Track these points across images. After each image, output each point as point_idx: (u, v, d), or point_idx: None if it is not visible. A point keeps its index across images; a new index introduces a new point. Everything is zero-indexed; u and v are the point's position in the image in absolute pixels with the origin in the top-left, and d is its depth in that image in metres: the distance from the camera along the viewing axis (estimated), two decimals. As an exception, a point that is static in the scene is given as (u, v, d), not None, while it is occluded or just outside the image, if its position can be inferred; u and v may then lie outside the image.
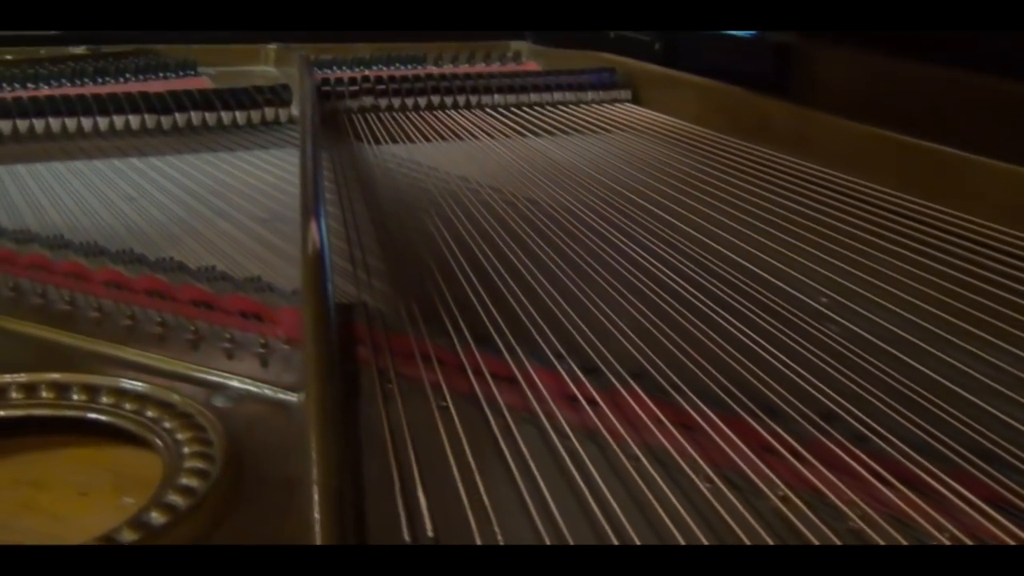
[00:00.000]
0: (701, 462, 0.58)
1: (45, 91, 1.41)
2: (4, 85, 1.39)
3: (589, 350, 0.72)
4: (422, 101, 1.41)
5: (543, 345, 0.73)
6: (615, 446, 0.60)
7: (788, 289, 0.85)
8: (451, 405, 0.65)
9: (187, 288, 0.82)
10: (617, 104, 1.50)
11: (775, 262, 0.91)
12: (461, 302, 0.80)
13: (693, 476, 0.57)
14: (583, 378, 0.68)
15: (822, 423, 0.61)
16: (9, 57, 1.47)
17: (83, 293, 0.82)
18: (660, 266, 0.90)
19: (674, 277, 0.87)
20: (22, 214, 1.06)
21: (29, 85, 1.41)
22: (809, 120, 1.24)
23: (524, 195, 1.13)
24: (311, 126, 1.16)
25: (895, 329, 0.77)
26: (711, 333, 0.76)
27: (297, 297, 0.81)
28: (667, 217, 1.05)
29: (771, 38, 1.40)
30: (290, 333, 0.74)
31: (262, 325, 0.76)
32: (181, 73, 1.53)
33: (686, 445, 0.59)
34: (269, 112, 1.32)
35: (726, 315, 0.79)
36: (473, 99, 1.42)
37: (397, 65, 1.65)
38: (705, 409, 0.63)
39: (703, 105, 1.40)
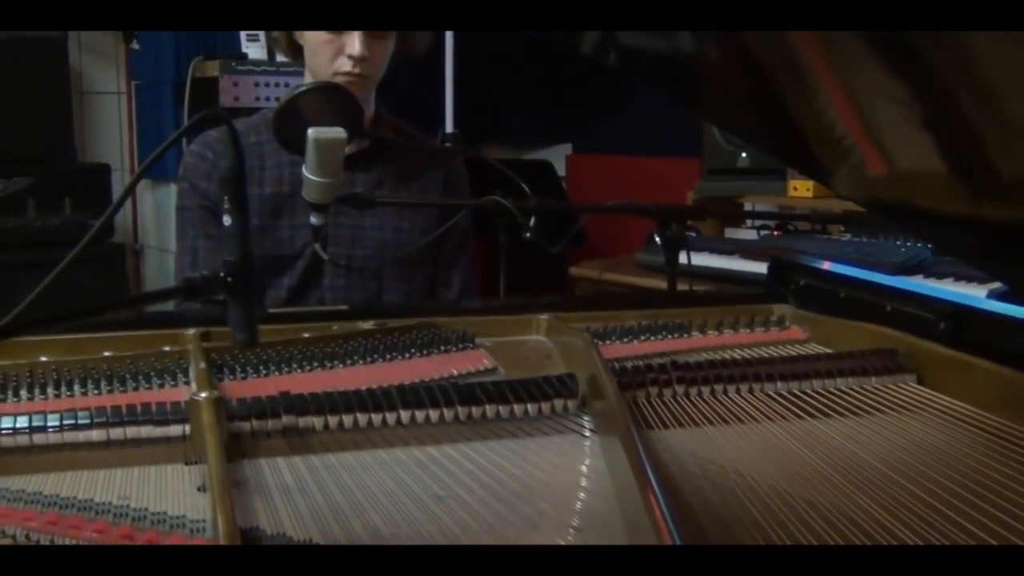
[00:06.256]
0: None
1: (340, 369, 1.48)
2: (306, 364, 1.47)
3: None
4: (705, 389, 1.41)
5: None
6: None
7: None
8: None
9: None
10: (901, 385, 1.46)
11: None
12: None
13: None
14: None
15: None
16: (306, 335, 1.56)
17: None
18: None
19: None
20: (342, 516, 1.09)
21: (327, 364, 1.48)
22: None
23: (838, 509, 1.10)
24: (625, 423, 1.17)
25: None
26: None
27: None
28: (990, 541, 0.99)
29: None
30: None
31: None
32: (460, 346, 1.59)
33: None
34: (558, 404, 1.35)
35: None
36: (756, 386, 1.42)
37: (664, 334, 1.66)
38: None
39: (1001, 394, 1.34)
